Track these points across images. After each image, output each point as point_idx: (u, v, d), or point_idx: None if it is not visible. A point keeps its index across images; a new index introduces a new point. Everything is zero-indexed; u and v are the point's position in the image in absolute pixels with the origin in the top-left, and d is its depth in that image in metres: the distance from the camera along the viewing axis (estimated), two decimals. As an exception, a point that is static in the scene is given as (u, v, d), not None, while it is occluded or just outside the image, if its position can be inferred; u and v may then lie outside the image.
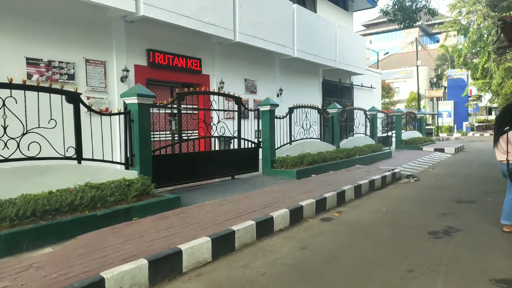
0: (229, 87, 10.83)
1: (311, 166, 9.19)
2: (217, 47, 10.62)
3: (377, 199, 7.32)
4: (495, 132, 4.86)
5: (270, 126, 8.71)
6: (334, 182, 7.89)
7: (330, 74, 16.57)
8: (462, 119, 38.26)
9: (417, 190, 8.17)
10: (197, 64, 9.90)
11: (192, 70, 9.81)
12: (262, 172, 8.90)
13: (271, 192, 6.84)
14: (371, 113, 14.74)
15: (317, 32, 14.04)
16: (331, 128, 11.70)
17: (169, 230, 4.34)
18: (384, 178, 8.91)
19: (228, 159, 7.97)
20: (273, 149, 8.82)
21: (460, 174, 10.39)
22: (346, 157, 10.99)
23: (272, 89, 13.04)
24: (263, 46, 11.20)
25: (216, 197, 6.37)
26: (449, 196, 7.36)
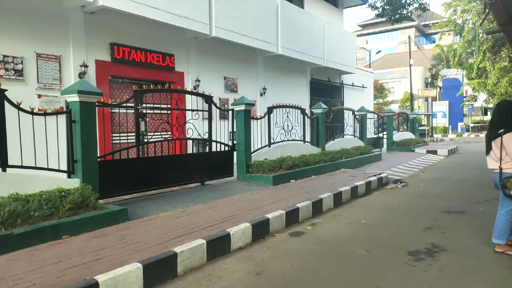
0: (206, 86, 10.13)
1: (290, 171, 8.51)
2: (193, 43, 9.92)
3: (359, 208, 6.66)
4: (487, 137, 4.19)
5: (245, 128, 8.02)
6: (313, 189, 7.21)
7: (319, 72, 15.91)
8: (457, 119, 37.71)
9: (404, 197, 7.52)
10: (170, 61, 9.19)
11: (164, 66, 9.09)
12: (237, 177, 8.21)
13: (239, 201, 6.15)
14: (360, 114, 14.09)
15: (304, 28, 13.36)
16: (316, 129, 11.03)
17: (98, 253, 3.64)
18: (369, 184, 8.25)
19: (197, 163, 7.27)
20: (248, 152, 8.13)
21: (451, 179, 9.74)
22: (331, 160, 10.32)
23: (255, 88, 12.36)
24: (243, 42, 10.51)
25: (175, 208, 5.68)
26: (437, 204, 6.70)
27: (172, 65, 9.26)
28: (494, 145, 4.04)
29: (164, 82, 9.05)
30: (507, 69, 20.86)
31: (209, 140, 7.56)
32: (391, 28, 56.45)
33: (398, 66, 48.63)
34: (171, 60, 9.23)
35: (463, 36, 25.20)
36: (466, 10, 24.17)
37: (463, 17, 24.90)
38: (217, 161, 7.75)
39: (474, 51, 24.70)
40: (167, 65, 9.12)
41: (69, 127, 4.96)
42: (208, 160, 7.51)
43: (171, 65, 9.24)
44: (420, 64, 46.44)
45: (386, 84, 45.53)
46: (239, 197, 6.48)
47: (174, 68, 9.36)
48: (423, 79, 45.75)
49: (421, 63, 46.51)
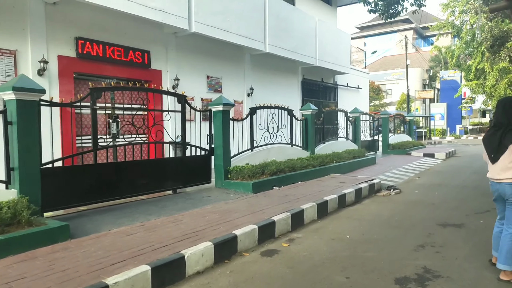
0: (186, 85, 9.47)
1: (274, 177, 7.83)
2: (171, 39, 9.25)
3: (345, 219, 5.98)
4: (490, 140, 3.52)
5: (224, 130, 7.35)
6: (296, 198, 6.53)
7: (311, 72, 15.25)
8: (455, 121, 37.11)
9: (396, 206, 6.85)
10: (145, 58, 8.52)
11: (139, 64, 8.42)
12: (215, 184, 7.53)
13: (209, 212, 5.47)
14: (353, 115, 13.43)
15: (294, 25, 12.71)
16: (305, 132, 10.35)
17: (10, 285, 2.95)
18: (359, 191, 7.58)
19: (168, 169, 6.59)
20: (227, 156, 7.45)
21: (448, 184, 9.08)
22: (320, 165, 9.64)
23: (242, 88, 11.69)
24: (227, 38, 9.85)
25: (133, 221, 4.99)
26: (433, 215, 6.03)
27: (147, 63, 8.59)
28: (510, 151, 3.34)
29: (139, 80, 8.37)
30: (506, 70, 20.29)
31: (183, 143, 6.88)
32: (389, 31, 56.09)
33: (396, 67, 48.07)
34: (147, 57, 8.56)
35: (461, 37, 24.65)
36: (464, 10, 23.63)
37: (461, 18, 24.37)
38: (192, 167, 7.07)
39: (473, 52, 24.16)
40: (141, 62, 8.45)
41: (5, 130, 4.27)
42: (181, 166, 6.82)
43: (146, 62, 8.56)
44: (418, 65, 45.88)
45: (384, 85, 44.97)
46: (211, 208, 5.80)
47: (150, 66, 8.68)
48: (421, 80, 45.19)
49: (419, 65, 45.95)
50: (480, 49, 21.26)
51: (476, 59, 22.87)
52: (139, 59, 8.39)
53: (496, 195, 3.65)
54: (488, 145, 3.55)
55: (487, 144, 3.56)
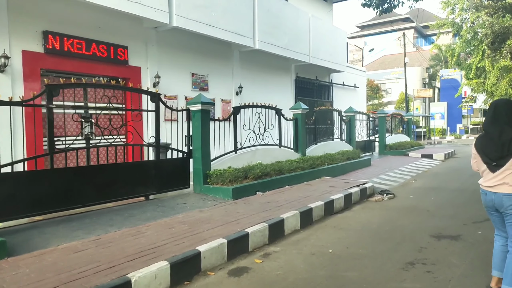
0: (169, 83, 8.95)
1: (258, 181, 7.30)
2: (152, 34, 8.72)
3: (331, 229, 5.45)
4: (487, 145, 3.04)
5: (203, 131, 6.82)
6: (278, 205, 6.01)
7: (305, 70, 14.72)
8: (455, 121, 36.54)
9: (388, 213, 6.32)
10: (122, 53, 7.99)
11: (115, 60, 7.90)
12: (193, 189, 7.01)
13: (179, 223, 4.95)
14: (347, 115, 12.90)
15: (286, 21, 12.18)
16: (295, 132, 9.82)
17: None
18: (349, 197, 7.05)
19: (139, 174, 6.06)
20: (206, 159, 6.92)
21: (446, 188, 8.55)
22: (311, 168, 9.11)
23: (230, 86, 11.16)
24: (212, 34, 9.32)
25: (89, 234, 4.46)
26: (427, 225, 5.51)
27: (125, 59, 8.06)
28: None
29: (115, 78, 7.83)
30: (507, 69, 19.72)
31: (156, 145, 6.35)
32: (390, 30, 55.62)
33: (396, 66, 47.52)
34: (124, 53, 8.03)
35: (461, 35, 24.08)
36: (464, 8, 23.07)
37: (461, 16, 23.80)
38: (167, 171, 6.54)
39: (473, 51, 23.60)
40: (118, 59, 7.92)
41: None
42: (155, 170, 6.30)
43: (123, 58, 8.03)
44: (419, 64, 45.32)
45: (383, 85, 44.40)
46: (182, 217, 5.28)
47: (128, 62, 8.16)
48: (421, 79, 44.61)
49: (420, 64, 45.39)
50: (481, 47, 20.70)
51: (476, 57, 22.31)
52: (116, 55, 7.87)
53: (490, 205, 3.15)
54: (487, 152, 3.04)
55: (484, 151, 3.06)
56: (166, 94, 8.97)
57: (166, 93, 8.98)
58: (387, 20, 50.85)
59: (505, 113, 3.03)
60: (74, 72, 7.28)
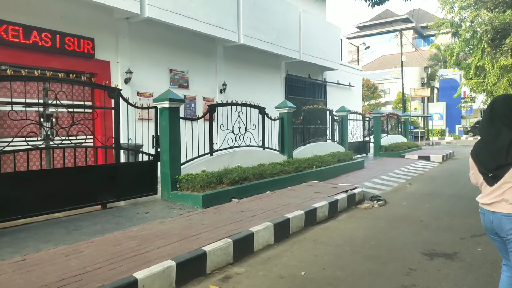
0: (143, 79, 8.27)
1: (235, 186, 6.61)
2: (123, 25, 8.03)
3: (309, 244, 4.76)
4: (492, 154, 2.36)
5: (171, 131, 6.12)
6: (252, 215, 5.32)
7: (296, 68, 14.03)
8: (455, 121, 35.87)
9: (377, 224, 5.63)
10: (87, 46, 7.30)
11: (79, 53, 7.21)
12: (161, 195, 6.31)
13: (129, 238, 4.25)
14: (340, 114, 12.21)
15: (274, 15, 11.49)
16: (281, 132, 9.13)
17: None
18: (335, 204, 6.36)
19: (96, 179, 5.36)
20: (175, 163, 6.23)
21: (442, 194, 7.86)
22: (297, 171, 8.42)
23: (213, 84, 10.47)
24: (191, 26, 8.62)
25: (15, 254, 3.76)
26: (419, 239, 4.82)
27: (91, 52, 7.36)
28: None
29: (80, 73, 7.15)
30: (507, 68, 19.06)
31: (115, 147, 5.64)
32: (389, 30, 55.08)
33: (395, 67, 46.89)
34: (90, 46, 7.33)
35: (460, 34, 23.42)
36: (463, 7, 22.42)
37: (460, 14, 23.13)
38: (130, 175, 5.85)
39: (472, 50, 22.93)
40: (83, 52, 7.23)
41: None
42: (115, 174, 5.60)
43: (89, 51, 7.33)
44: (418, 65, 44.70)
45: (382, 85, 43.76)
46: (137, 230, 4.58)
47: (95, 56, 7.46)
48: (419, 79, 43.97)
49: (419, 64, 44.76)
50: (480, 45, 20.06)
51: (476, 56, 21.64)
52: (80, 47, 7.17)
53: (489, 228, 2.46)
54: (483, 160, 2.37)
55: (480, 159, 2.39)
56: (140, 91, 8.29)
57: (140, 90, 8.30)
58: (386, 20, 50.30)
59: (502, 111, 2.36)
60: (29, 66, 6.56)
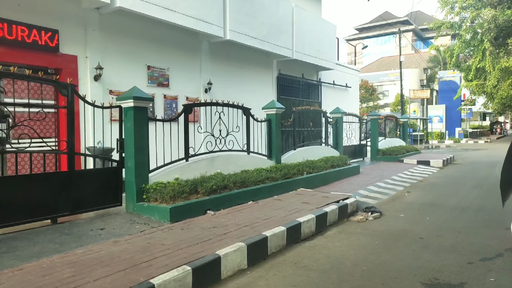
0: (115, 76, 7.53)
1: (212, 196, 5.86)
2: (93, 16, 7.28)
3: (289, 268, 4.02)
4: None
5: (137, 134, 5.38)
6: (224, 232, 4.58)
7: (289, 67, 13.30)
8: (454, 124, 35.14)
9: (370, 242, 4.89)
10: (50, 39, 6.55)
11: (42, 46, 6.46)
12: (126, 207, 5.55)
13: (66, 264, 3.50)
14: (334, 116, 11.48)
15: (263, 9, 10.77)
16: (268, 136, 8.39)
17: None
18: (324, 217, 5.62)
19: (44, 189, 4.61)
20: (142, 170, 5.48)
21: (444, 204, 7.12)
22: (285, 178, 7.68)
23: (197, 82, 9.73)
24: (168, 18, 7.87)
25: None
26: (418, 263, 4.07)
27: (53, 45, 6.61)
28: None
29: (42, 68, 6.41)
30: (508, 70, 18.40)
31: (69, 152, 4.89)
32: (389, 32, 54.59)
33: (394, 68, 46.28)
34: (53, 38, 6.58)
35: (460, 34, 22.78)
36: (464, 7, 21.78)
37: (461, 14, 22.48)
38: (89, 185, 5.10)
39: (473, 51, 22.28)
40: (45, 45, 6.48)
41: None
42: (68, 183, 4.85)
43: (52, 44, 6.58)
44: (417, 66, 44.08)
45: (380, 87, 43.12)
46: (82, 253, 3.83)
47: (59, 50, 6.71)
48: (418, 81, 43.38)
49: (418, 66, 44.14)
50: (481, 47, 19.44)
51: (476, 58, 21.01)
52: (42, 40, 6.42)
53: None
54: None
55: None
56: (113, 89, 7.54)
57: (112, 88, 7.56)
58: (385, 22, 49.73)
59: None
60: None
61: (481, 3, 18.99)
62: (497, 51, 14.37)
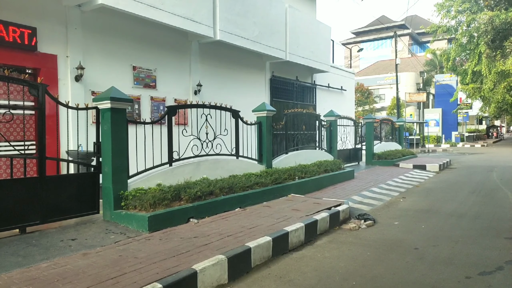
0: (98, 76, 7.22)
1: (197, 203, 5.54)
2: (74, 13, 6.97)
3: (273, 284, 3.71)
4: None
5: (114, 137, 5.06)
6: (205, 243, 4.26)
7: (282, 69, 13.03)
8: (451, 128, 35.00)
9: (362, 253, 4.58)
10: (27, 37, 6.22)
11: (18, 45, 6.13)
12: (103, 215, 5.22)
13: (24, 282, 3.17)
14: (328, 119, 11.20)
15: (255, 9, 10.50)
16: (258, 139, 8.08)
17: None
18: (314, 226, 5.32)
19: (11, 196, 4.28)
20: (120, 175, 5.15)
21: (440, 211, 6.83)
22: (275, 183, 7.37)
23: (186, 84, 9.42)
24: (153, 17, 7.55)
25: None
26: (413, 277, 3.78)
27: (32, 44, 6.28)
28: None
29: (19, 68, 6.10)
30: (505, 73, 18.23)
31: (39, 157, 4.56)
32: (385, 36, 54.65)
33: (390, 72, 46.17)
34: (30, 36, 6.26)
35: (456, 38, 22.64)
36: (460, 11, 21.65)
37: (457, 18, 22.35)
38: (63, 191, 4.77)
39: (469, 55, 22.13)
40: (22, 43, 6.15)
41: None
42: (39, 190, 4.51)
43: (30, 43, 6.26)
44: (413, 70, 43.99)
45: (377, 90, 42.97)
46: (45, 267, 3.50)
47: (37, 48, 6.38)
48: (415, 85, 43.24)
49: (414, 69, 44.06)
50: (477, 50, 19.29)
51: (472, 61, 20.87)
52: (20, 38, 6.10)
53: None
54: None
55: None
56: (95, 90, 7.22)
57: (95, 89, 7.24)
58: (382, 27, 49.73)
59: None
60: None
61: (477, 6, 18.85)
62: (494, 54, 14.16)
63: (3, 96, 6.05)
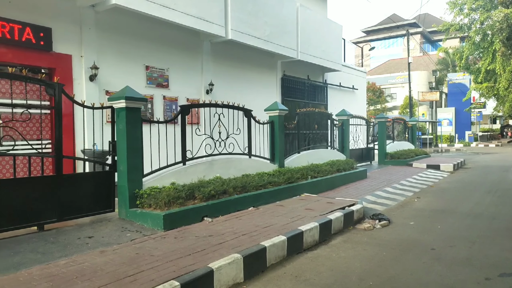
0: (112, 76, 7.29)
1: (210, 202, 5.55)
2: (88, 14, 7.04)
3: (289, 283, 3.70)
4: None
5: (129, 136, 5.09)
6: (220, 242, 4.26)
7: (294, 68, 12.98)
8: (464, 127, 34.46)
9: (378, 253, 4.53)
10: (43, 37, 6.31)
11: (34, 45, 6.22)
12: (119, 213, 5.26)
13: (45, 278, 3.22)
14: (340, 119, 11.12)
15: (267, 9, 10.48)
16: (271, 138, 8.06)
17: None
18: (328, 225, 5.28)
19: (28, 194, 4.34)
20: (135, 174, 5.19)
21: (456, 211, 6.73)
22: (288, 182, 7.34)
23: (198, 83, 9.45)
24: (166, 17, 7.59)
25: None
26: (430, 278, 3.73)
27: (47, 44, 6.36)
28: None
29: (35, 67, 6.18)
30: (520, 72, 17.85)
31: (56, 155, 4.62)
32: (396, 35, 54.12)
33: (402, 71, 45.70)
34: (46, 37, 6.34)
35: (470, 36, 22.29)
36: (473, 8, 21.31)
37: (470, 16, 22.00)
38: (79, 190, 4.82)
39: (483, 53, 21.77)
40: (37, 43, 6.24)
41: None
42: (56, 188, 4.57)
43: (45, 43, 6.34)
44: (425, 69, 43.48)
45: (388, 89, 42.57)
46: (64, 264, 3.54)
47: (52, 48, 6.46)
48: (427, 84, 42.72)
49: (426, 68, 43.54)
50: (491, 49, 18.93)
51: (486, 59, 20.49)
52: (34, 38, 6.18)
53: None
54: None
55: None
56: (110, 89, 7.28)
57: (109, 88, 7.31)
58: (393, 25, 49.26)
59: None
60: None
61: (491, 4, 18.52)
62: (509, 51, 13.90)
63: (20, 95, 6.15)
